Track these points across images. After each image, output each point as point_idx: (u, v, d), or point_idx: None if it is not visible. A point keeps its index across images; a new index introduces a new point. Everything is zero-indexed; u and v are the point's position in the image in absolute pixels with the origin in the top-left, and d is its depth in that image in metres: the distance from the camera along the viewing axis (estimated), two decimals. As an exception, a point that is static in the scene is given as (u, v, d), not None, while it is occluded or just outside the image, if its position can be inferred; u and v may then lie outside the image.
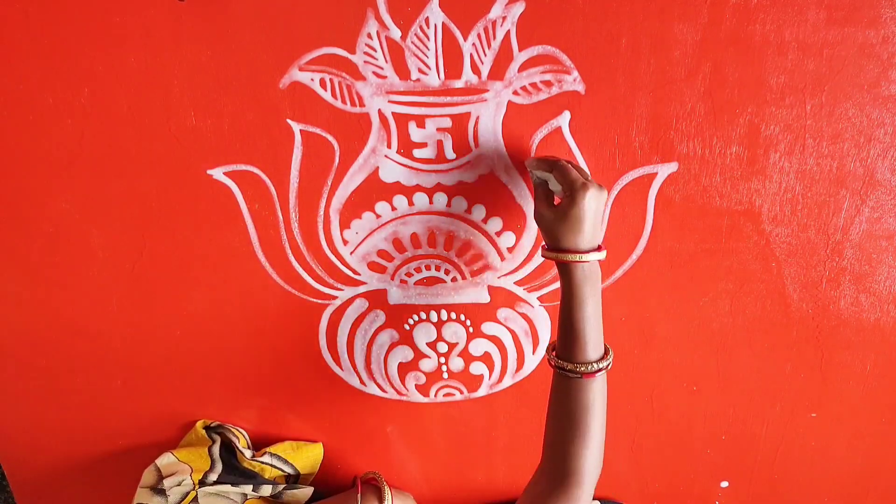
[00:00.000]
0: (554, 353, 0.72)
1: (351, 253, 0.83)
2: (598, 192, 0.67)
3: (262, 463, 0.88)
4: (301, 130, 0.76)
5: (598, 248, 0.69)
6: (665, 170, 0.78)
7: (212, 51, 0.73)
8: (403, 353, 0.89)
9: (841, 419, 0.93)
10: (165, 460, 0.85)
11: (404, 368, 0.90)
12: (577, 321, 0.68)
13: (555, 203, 0.72)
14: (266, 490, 0.85)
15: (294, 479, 0.93)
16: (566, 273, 0.69)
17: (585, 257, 0.67)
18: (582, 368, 0.68)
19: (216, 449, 0.88)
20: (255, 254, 0.83)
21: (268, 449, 0.90)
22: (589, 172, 0.70)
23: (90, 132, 0.76)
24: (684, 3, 0.70)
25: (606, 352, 0.71)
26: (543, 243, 0.73)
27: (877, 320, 0.86)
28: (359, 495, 0.82)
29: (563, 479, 0.69)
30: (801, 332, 0.87)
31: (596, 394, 0.69)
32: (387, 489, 0.84)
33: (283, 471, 0.90)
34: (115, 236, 0.82)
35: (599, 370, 0.68)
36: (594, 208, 0.67)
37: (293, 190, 0.79)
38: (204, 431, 0.91)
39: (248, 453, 0.88)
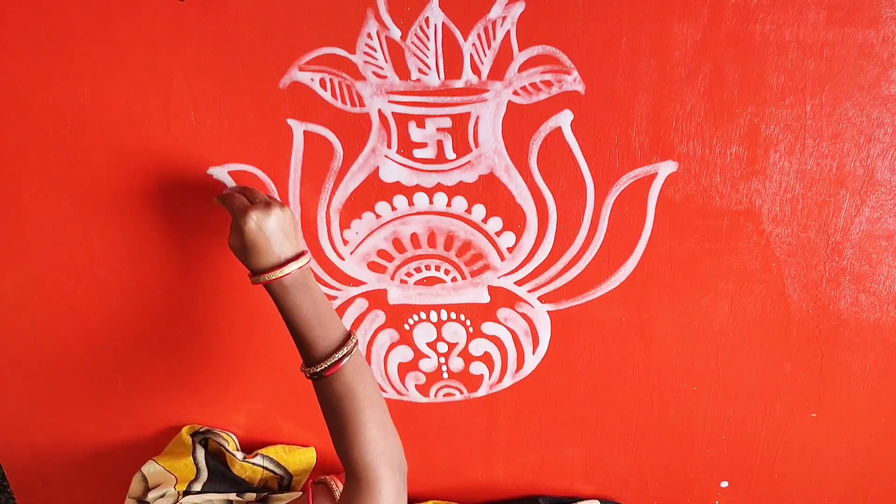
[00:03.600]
0: (303, 365, 0.71)
1: (351, 253, 0.83)
2: (263, 213, 0.68)
3: (254, 465, 0.87)
4: (301, 130, 0.76)
5: (297, 257, 0.69)
6: (665, 170, 0.78)
7: (212, 51, 0.73)
8: (403, 353, 0.89)
9: (841, 419, 0.93)
10: (152, 468, 0.85)
11: (404, 368, 0.90)
12: (297, 328, 0.69)
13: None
14: (251, 497, 0.85)
15: (287, 482, 0.92)
16: (270, 291, 0.69)
17: (275, 274, 0.68)
18: (322, 367, 0.68)
19: (201, 456, 0.87)
20: (255, 254, 0.83)
21: (259, 451, 0.90)
22: (266, 195, 0.71)
23: (90, 132, 0.76)
24: (684, 3, 0.70)
25: (346, 339, 0.70)
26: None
27: (877, 320, 0.86)
28: (336, 482, 0.81)
29: (354, 475, 0.68)
30: (801, 332, 0.87)
31: (348, 382, 0.68)
32: (338, 485, 0.82)
33: (274, 472, 0.89)
34: (115, 236, 0.82)
35: (340, 359, 0.68)
36: (267, 227, 0.67)
37: (293, 190, 0.79)
38: (189, 438, 0.89)
39: (239, 455, 0.88)
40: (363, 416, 0.68)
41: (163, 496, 0.82)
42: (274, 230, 0.68)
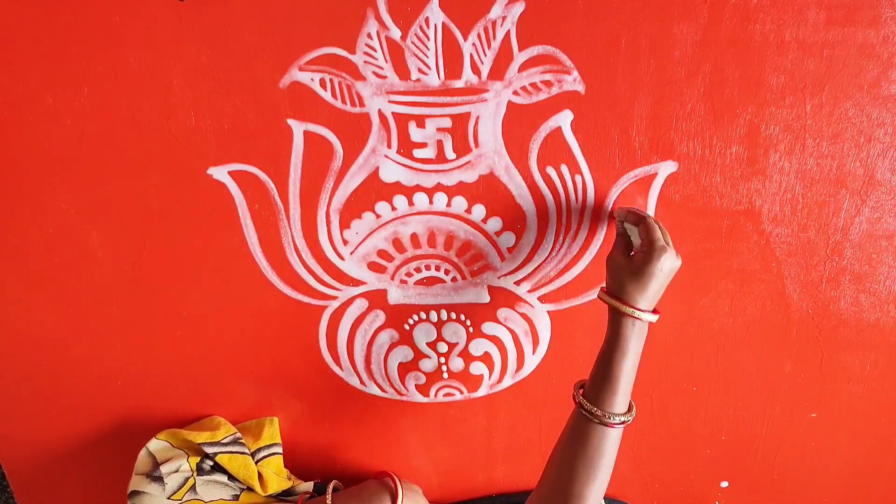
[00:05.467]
0: (581, 392, 0.72)
1: (351, 253, 0.83)
2: (674, 258, 0.69)
3: (233, 452, 0.85)
4: (301, 130, 0.76)
5: (655, 311, 0.71)
6: (665, 170, 0.78)
7: (212, 51, 0.73)
8: (403, 353, 0.89)
9: (841, 419, 0.93)
10: (156, 445, 0.84)
11: (404, 368, 0.90)
12: (615, 371, 0.70)
13: (630, 255, 0.73)
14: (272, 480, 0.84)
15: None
16: (618, 322, 0.70)
17: (641, 315, 0.69)
18: (607, 418, 0.69)
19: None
20: (255, 254, 0.83)
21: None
22: (670, 237, 0.73)
23: (90, 132, 0.76)
24: (684, 3, 0.70)
25: (631, 407, 0.72)
26: (603, 285, 0.75)
27: (877, 320, 0.86)
28: (397, 485, 0.83)
29: None
30: (801, 332, 0.87)
31: (614, 442, 0.70)
32: (399, 487, 0.84)
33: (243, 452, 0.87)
34: (115, 236, 0.82)
35: (622, 423, 0.69)
36: (666, 272, 0.69)
37: (293, 190, 0.79)
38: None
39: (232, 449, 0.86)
40: (604, 477, 0.71)
41: (177, 471, 0.81)
42: (668, 277, 0.70)
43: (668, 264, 0.68)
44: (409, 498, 0.85)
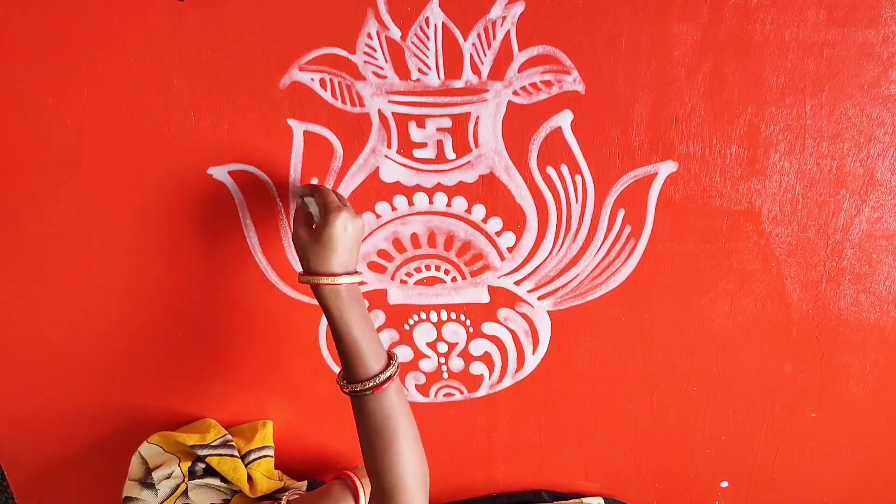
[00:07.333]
0: (342, 378, 0.71)
1: (351, 253, 0.83)
2: (352, 218, 0.69)
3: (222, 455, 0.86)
4: (301, 130, 0.76)
5: (356, 272, 0.70)
6: (665, 170, 0.78)
7: (212, 51, 0.73)
8: (403, 353, 0.89)
9: (841, 419, 0.93)
10: (147, 450, 0.84)
11: (404, 368, 0.90)
12: (348, 344, 0.69)
13: (313, 227, 0.71)
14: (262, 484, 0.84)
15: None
16: (323, 298, 0.68)
17: (339, 280, 0.68)
18: (369, 385, 0.68)
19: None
20: (256, 254, 0.83)
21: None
22: (347, 200, 0.72)
23: (90, 132, 0.76)
24: (684, 3, 0.70)
25: (390, 359, 0.70)
26: (300, 270, 0.72)
27: (877, 320, 0.86)
28: (357, 485, 0.82)
29: (388, 493, 0.68)
30: (801, 332, 0.87)
31: (393, 402, 0.69)
32: (360, 484, 0.84)
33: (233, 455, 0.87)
34: (115, 236, 0.82)
35: (386, 381, 0.68)
36: (350, 232, 0.68)
37: (293, 190, 0.79)
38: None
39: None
40: (402, 439, 0.68)
41: (168, 477, 0.81)
42: (354, 237, 0.69)
43: (349, 224, 0.68)
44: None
